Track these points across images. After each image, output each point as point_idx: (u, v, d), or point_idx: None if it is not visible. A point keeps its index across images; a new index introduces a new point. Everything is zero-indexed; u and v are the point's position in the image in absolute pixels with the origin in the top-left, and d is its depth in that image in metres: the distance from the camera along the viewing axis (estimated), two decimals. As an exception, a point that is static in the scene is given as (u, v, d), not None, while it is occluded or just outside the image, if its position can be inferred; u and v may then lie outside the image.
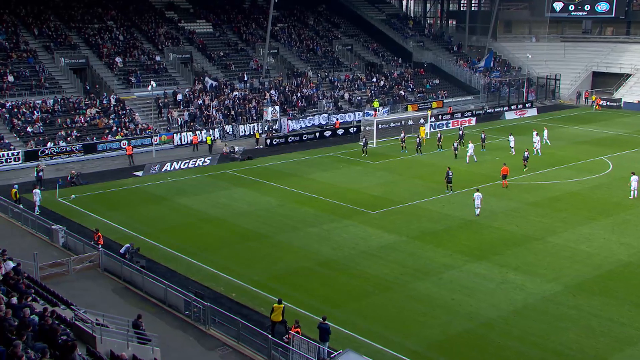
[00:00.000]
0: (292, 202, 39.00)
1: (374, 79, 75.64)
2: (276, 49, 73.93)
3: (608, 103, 77.90)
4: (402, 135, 52.19)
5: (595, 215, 36.36)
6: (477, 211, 36.14)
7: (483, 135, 53.85)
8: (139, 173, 46.48)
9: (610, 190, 41.46)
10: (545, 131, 57.02)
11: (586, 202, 39.05)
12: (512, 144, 53.06)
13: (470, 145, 50.04)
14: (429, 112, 63.49)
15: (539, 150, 51.39)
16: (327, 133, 60.54)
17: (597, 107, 76.92)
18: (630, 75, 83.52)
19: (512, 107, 75.60)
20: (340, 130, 61.46)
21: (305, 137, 58.81)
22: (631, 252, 30.71)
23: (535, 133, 53.86)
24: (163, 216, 36.63)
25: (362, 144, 52.29)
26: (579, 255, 30.26)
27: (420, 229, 34.05)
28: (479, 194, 36.48)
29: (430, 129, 61.27)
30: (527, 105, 77.04)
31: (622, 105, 76.93)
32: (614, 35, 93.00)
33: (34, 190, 37.82)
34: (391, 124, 63.05)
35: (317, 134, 59.85)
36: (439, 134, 53.80)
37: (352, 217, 36.08)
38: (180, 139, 56.00)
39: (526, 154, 47.00)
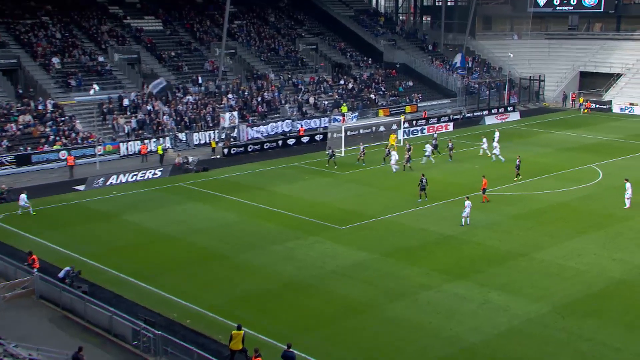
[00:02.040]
0: (253, 218, 38.92)
1: (342, 82, 76.08)
2: (234, 49, 73.94)
3: (597, 106, 79.51)
4: (362, 148, 52.33)
5: (585, 228, 36.99)
6: (463, 220, 36.68)
7: (450, 145, 54.39)
8: (81, 187, 45.94)
9: (601, 201, 42.26)
10: (497, 134, 58.10)
11: (575, 214, 39.73)
12: (484, 145, 54.70)
13: (427, 146, 51.64)
14: (402, 117, 64.09)
15: (499, 157, 52.01)
16: (291, 141, 60.65)
17: (585, 110, 78.33)
18: (621, 75, 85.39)
19: (493, 111, 76.69)
20: (305, 137, 61.60)
21: (266, 145, 58.82)
22: (625, 269, 31.26)
23: (484, 139, 55.26)
24: (108, 235, 36.23)
25: (328, 153, 52.43)
26: (568, 273, 30.74)
27: (394, 246, 34.25)
28: (469, 202, 36.93)
29: (403, 136, 61.78)
30: (509, 109, 78.28)
31: (612, 108, 78.64)
32: (602, 31, 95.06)
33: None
34: (361, 131, 63.43)
35: (280, 143, 59.91)
36: (407, 145, 53.78)
37: (319, 233, 36.14)
38: (127, 148, 55.55)
39: (518, 161, 47.70)
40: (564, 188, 45.25)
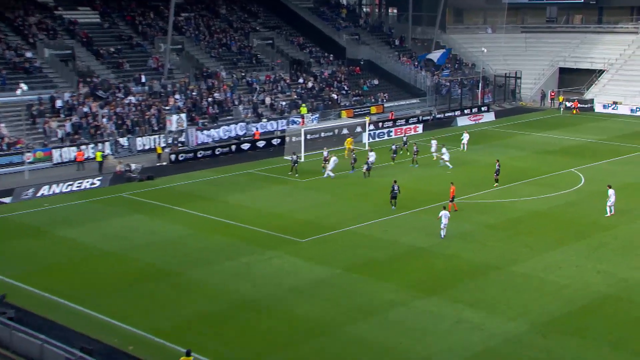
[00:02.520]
0: (203, 231, 38.75)
1: (301, 80, 76.24)
2: (181, 44, 73.57)
3: (578, 105, 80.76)
4: (326, 154, 52.39)
5: (565, 238, 37.57)
6: (443, 232, 36.99)
7: (415, 148, 54.89)
8: (7, 199, 45.21)
9: (582, 209, 42.96)
10: (466, 136, 59.07)
11: (554, 223, 40.33)
12: (433, 148, 55.63)
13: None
14: (367, 119, 64.43)
15: (447, 163, 52.63)
16: (245, 146, 60.54)
17: (574, 110, 78.88)
18: (604, 71, 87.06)
19: (466, 112, 77.61)
20: (260, 142, 61.58)
21: (218, 151, 58.63)
22: (610, 282, 31.74)
23: (435, 143, 56.21)
24: (39, 253, 35.67)
25: (291, 159, 52.14)
26: (548, 287, 31.13)
27: (360, 259, 34.35)
28: (446, 212, 37.24)
29: (369, 139, 62.08)
30: (482, 109, 79.28)
31: (594, 107, 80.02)
32: (583, 24, 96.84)
33: None
34: (322, 134, 63.54)
35: (233, 148, 59.75)
36: (369, 151, 53.93)
37: (276, 247, 36.10)
38: (61, 155, 54.84)
39: (497, 165, 48.23)
40: (543, 195, 45.91)
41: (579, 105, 79.94)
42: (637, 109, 78.42)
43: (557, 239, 37.27)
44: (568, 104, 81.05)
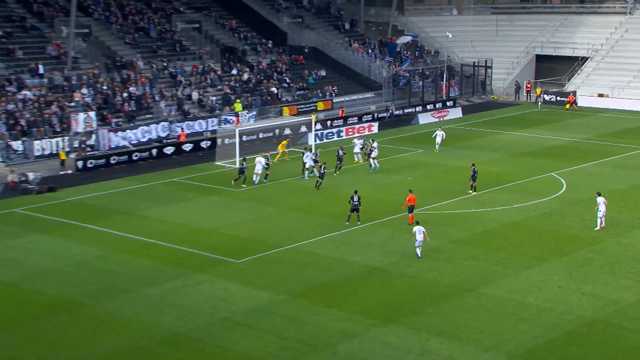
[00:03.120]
0: (119, 252, 38.40)
1: (234, 71, 76.12)
2: (88, 28, 72.81)
3: (558, 98, 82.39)
4: (267, 158, 52.37)
5: (545, 254, 38.14)
6: (419, 251, 37.11)
7: (370, 149, 55.14)
8: None
9: (564, 219, 43.71)
10: (440, 134, 59.96)
11: (533, 236, 40.94)
12: (356, 148, 56.30)
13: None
14: (313, 117, 64.53)
15: (375, 162, 53.40)
16: (169, 150, 60.28)
17: (568, 105, 79.25)
18: (587, 59, 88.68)
19: (428, 108, 78.41)
20: (187, 145, 61.37)
21: (136, 156, 58.27)
22: (597, 306, 32.23)
23: (361, 143, 56.70)
24: None
25: (239, 167, 51.47)
26: (526, 312, 31.54)
27: (306, 283, 34.42)
28: (420, 227, 37.34)
29: (315, 140, 62.24)
30: (448, 104, 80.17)
31: (576, 100, 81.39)
32: (563, 3, 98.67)
33: None
34: (260, 135, 63.52)
35: (154, 152, 59.48)
36: (317, 152, 54.32)
37: (207, 269, 35.98)
38: (-60, 163, 53.80)
39: (473, 169, 48.67)
40: (519, 203, 46.60)
41: (574, 99, 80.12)
42: (627, 103, 79.92)
43: (535, 255, 37.84)
44: (538, 94, 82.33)
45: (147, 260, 37.27)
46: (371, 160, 53.59)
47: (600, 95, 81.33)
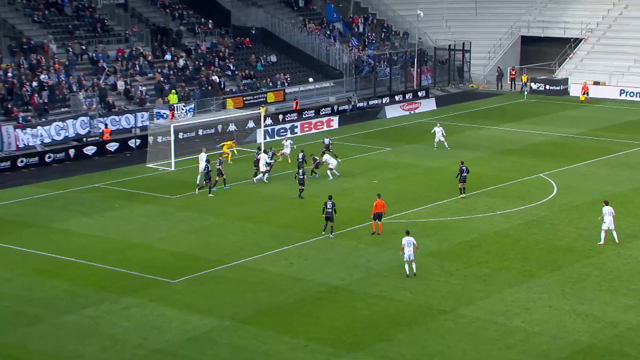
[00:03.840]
0: (28, 274, 37.94)
1: (168, 56, 75.72)
2: (-15, 3, 72.24)
3: (547, 87, 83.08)
4: (218, 162, 52.29)
5: (534, 269, 38.32)
6: (407, 267, 37.15)
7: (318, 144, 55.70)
8: None
9: (555, 228, 44.01)
10: (439, 130, 60.19)
11: (519, 248, 41.17)
12: (287, 150, 56.62)
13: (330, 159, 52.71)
14: (262, 110, 64.34)
15: (333, 171, 53.19)
16: (90, 150, 59.84)
17: (583, 97, 79.07)
18: (581, 40, 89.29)
19: (397, 99, 78.61)
20: (112, 143, 60.98)
21: (49, 157, 57.83)
22: (595, 329, 32.37)
23: (290, 144, 56.79)
24: None
25: (203, 171, 50.90)
26: (513, 337, 31.63)
27: (255, 306, 34.28)
28: (410, 238, 37.29)
29: (265, 138, 62.11)
30: (420, 94, 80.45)
31: (568, 89, 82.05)
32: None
33: None
34: (200, 132, 63.17)
35: (72, 152, 59.06)
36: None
37: (137, 291, 35.70)
38: None
39: (461, 167, 48.83)
40: (503, 210, 46.87)
41: (589, 90, 79.75)
42: (627, 91, 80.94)
43: (522, 271, 38.04)
44: (524, 82, 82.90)
45: (64, 283, 36.83)
46: (328, 171, 53.10)
47: (596, 83, 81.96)
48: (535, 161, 57.55)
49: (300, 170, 49.73)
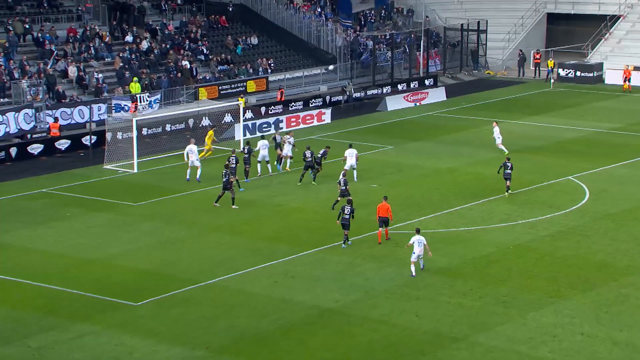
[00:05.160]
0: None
1: (129, 38, 75.67)
2: None
3: (579, 73, 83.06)
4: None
5: (562, 288, 38.22)
6: (413, 268, 37.89)
7: (286, 147, 55.44)
8: None
9: (588, 240, 43.93)
10: (496, 130, 59.57)
11: (544, 264, 41.10)
12: (287, 151, 55.71)
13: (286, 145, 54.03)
14: (241, 102, 64.39)
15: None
16: (35, 148, 59.80)
17: (626, 86, 79.65)
18: (619, 18, 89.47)
19: (400, 88, 78.79)
20: (62, 141, 60.93)
21: (-15, 157, 57.92)
22: (636, 359, 32.39)
23: (265, 145, 55.51)
24: None
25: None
26: (537, 367, 31.81)
27: (234, 332, 34.19)
28: (420, 237, 38.09)
29: (245, 134, 62.04)
30: (427, 82, 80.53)
31: (603, 75, 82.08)
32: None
33: None
34: (168, 127, 63.11)
35: (13, 151, 59.09)
36: (247, 148, 54.09)
37: (92, 316, 35.52)
38: None
39: (506, 164, 49.56)
40: (525, 219, 46.87)
41: (631, 76, 79.94)
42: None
43: (548, 291, 37.95)
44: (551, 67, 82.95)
45: (3, 308, 36.61)
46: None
47: (637, 69, 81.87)
48: (563, 161, 57.72)
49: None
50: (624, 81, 79.35)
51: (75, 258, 41.97)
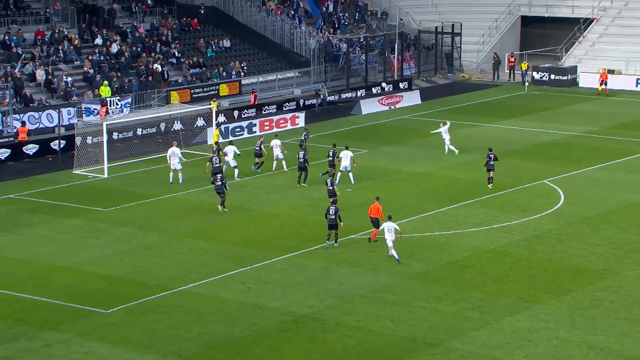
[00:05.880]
0: None
1: (99, 40, 75.40)
2: None
3: (553, 76, 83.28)
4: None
5: (538, 293, 38.35)
6: (392, 252, 39.18)
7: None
8: None
9: (563, 245, 44.12)
10: (443, 129, 60.03)
11: (520, 268, 41.22)
12: (277, 152, 56.16)
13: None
14: (213, 105, 64.24)
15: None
16: (1, 153, 59.52)
17: (600, 87, 79.57)
18: (592, 21, 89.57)
19: (374, 91, 78.79)
20: (30, 145, 60.76)
21: (-51, 163, 57.66)
22: (609, 364, 32.70)
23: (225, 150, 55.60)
24: None
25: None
26: (513, 373, 31.92)
27: (206, 339, 34.11)
28: (390, 224, 39.16)
29: (221, 139, 61.95)
30: (401, 85, 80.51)
31: (577, 79, 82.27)
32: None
33: None
34: (139, 131, 62.84)
35: (-19, 157, 58.92)
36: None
37: (61, 325, 35.37)
38: None
39: (489, 155, 50.34)
40: (500, 223, 47.04)
41: (607, 79, 79.96)
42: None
43: (524, 295, 38.07)
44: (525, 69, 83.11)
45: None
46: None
47: (611, 72, 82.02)
48: (538, 165, 57.95)
49: (301, 154, 52.56)
50: (600, 84, 79.37)
51: (43, 265, 41.86)
